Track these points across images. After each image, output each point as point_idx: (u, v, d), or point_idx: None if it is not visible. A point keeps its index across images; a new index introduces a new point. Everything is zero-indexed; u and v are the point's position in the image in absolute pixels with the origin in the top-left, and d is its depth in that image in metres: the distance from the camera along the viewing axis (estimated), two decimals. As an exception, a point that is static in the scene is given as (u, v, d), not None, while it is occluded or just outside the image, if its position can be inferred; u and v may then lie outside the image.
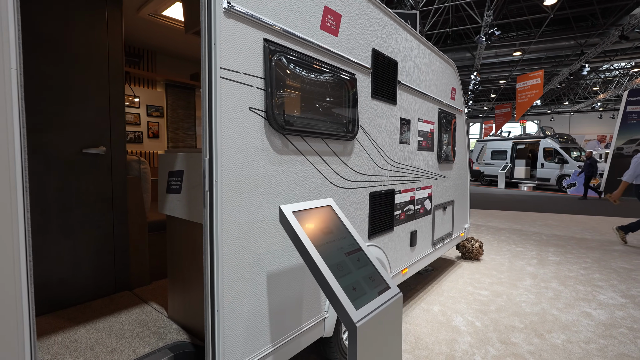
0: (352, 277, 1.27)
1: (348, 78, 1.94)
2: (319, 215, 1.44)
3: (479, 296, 3.14)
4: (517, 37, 15.93)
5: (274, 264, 1.52)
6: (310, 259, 1.21)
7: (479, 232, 5.87)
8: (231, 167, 1.32)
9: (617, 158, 11.00)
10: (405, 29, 2.59)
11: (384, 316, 1.26)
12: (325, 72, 1.77)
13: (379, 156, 2.30)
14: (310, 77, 1.68)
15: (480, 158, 16.82)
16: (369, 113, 2.18)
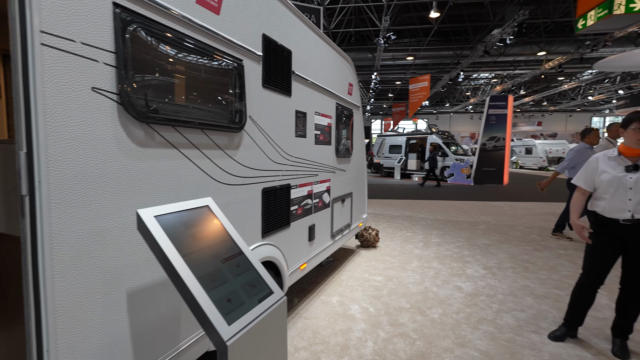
0: (228, 287, 1.13)
1: (234, 64, 1.76)
2: (191, 219, 1.25)
3: (374, 282, 3.35)
4: (410, 43, 17.77)
5: (138, 278, 1.27)
6: (173, 270, 1.02)
7: (377, 220, 6.35)
8: (64, 163, 1.03)
9: (483, 152, 13.29)
10: (301, 19, 2.52)
11: (265, 325, 1.16)
12: (204, 54, 1.56)
13: (273, 150, 2.19)
14: (185, 59, 1.45)
15: (380, 152, 18.35)
16: (261, 104, 2.04)
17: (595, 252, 2.21)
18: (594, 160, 2.23)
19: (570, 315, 2.33)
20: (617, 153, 2.15)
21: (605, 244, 2.16)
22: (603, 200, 2.15)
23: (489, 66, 19.80)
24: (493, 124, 13.35)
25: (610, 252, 2.15)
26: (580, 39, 15.39)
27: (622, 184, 2.06)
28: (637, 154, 2.08)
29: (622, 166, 2.09)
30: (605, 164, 2.17)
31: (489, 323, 2.54)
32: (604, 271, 2.18)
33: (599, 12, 8.01)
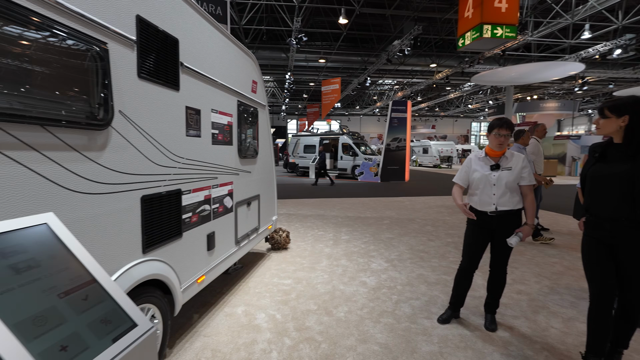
0: (64, 330, 0.88)
1: (94, 47, 1.44)
2: (12, 244, 0.94)
3: (283, 286, 3.26)
4: (322, 46, 18.33)
5: None
6: (-32, 322, 0.74)
7: (290, 220, 6.31)
8: None
9: (387, 152, 14.49)
10: (191, 5, 2.26)
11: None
12: (48, 30, 1.23)
13: (155, 151, 1.90)
14: (10, 32, 1.11)
15: (295, 151, 18.50)
16: (136, 97, 1.74)
17: (469, 240, 2.48)
18: (469, 161, 2.51)
19: (454, 298, 2.60)
20: (484, 154, 2.44)
21: (476, 233, 2.43)
22: (476, 195, 2.42)
23: (392, 74, 21.72)
24: (395, 126, 14.65)
25: (481, 240, 2.43)
26: (461, 55, 18.01)
27: (488, 180, 2.34)
28: (498, 155, 2.39)
29: (488, 165, 2.38)
30: (476, 164, 2.45)
31: (389, 315, 2.69)
32: (477, 257, 2.46)
33: (473, 34, 9.43)
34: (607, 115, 1.82)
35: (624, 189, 1.75)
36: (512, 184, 2.30)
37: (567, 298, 3.03)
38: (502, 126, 2.31)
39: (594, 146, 1.99)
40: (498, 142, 2.32)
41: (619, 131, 1.80)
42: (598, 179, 1.88)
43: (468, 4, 9.61)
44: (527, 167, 2.34)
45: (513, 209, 2.32)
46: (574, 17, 12.25)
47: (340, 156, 16.56)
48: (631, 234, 1.76)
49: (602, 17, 13.63)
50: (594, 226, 1.91)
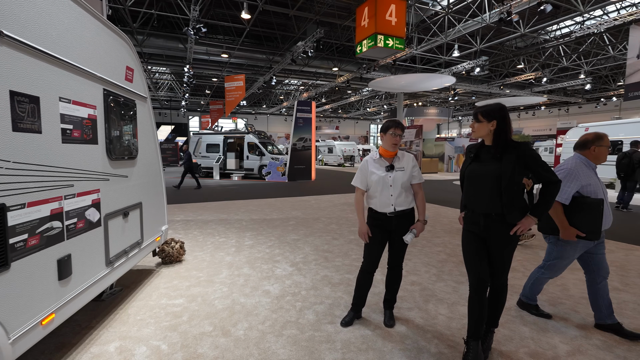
0: None
1: None
2: None
3: (173, 307, 2.81)
4: (224, 40, 17.35)
5: None
6: None
7: (187, 228, 5.68)
8: None
9: (294, 151, 14.57)
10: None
11: None
12: None
13: (-49, 152, 1.32)
14: None
15: (197, 151, 17.13)
16: None
17: (370, 242, 2.46)
18: (365, 163, 2.49)
19: (356, 299, 2.59)
20: (379, 155, 2.45)
21: (376, 235, 2.44)
22: (375, 198, 2.42)
23: (297, 74, 21.99)
24: (301, 126, 14.83)
25: (380, 241, 2.45)
26: (360, 61, 19.35)
27: (385, 182, 2.36)
28: (392, 155, 2.42)
29: (384, 167, 2.39)
30: (373, 166, 2.44)
31: (292, 325, 2.54)
32: (378, 257, 2.49)
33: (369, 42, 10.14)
34: (480, 119, 1.99)
35: (494, 187, 1.92)
36: (406, 183, 2.38)
37: (450, 284, 3.38)
38: (398, 126, 2.36)
39: (470, 147, 2.15)
40: (393, 142, 2.36)
41: (489, 134, 1.98)
42: (473, 178, 2.04)
43: (364, 13, 10.29)
44: (417, 166, 2.44)
45: (408, 208, 2.41)
46: (447, 37, 14.32)
47: (247, 156, 15.97)
48: (499, 228, 1.95)
49: (466, 40, 16.34)
50: (471, 221, 2.08)
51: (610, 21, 12.58)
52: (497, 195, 1.91)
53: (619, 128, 11.80)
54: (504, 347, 2.28)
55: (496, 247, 2.00)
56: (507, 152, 1.91)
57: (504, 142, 1.94)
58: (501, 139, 1.94)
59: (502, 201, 1.90)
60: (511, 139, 1.96)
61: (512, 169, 1.87)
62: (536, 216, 1.92)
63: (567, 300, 3.02)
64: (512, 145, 1.92)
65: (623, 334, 2.39)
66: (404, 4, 10.06)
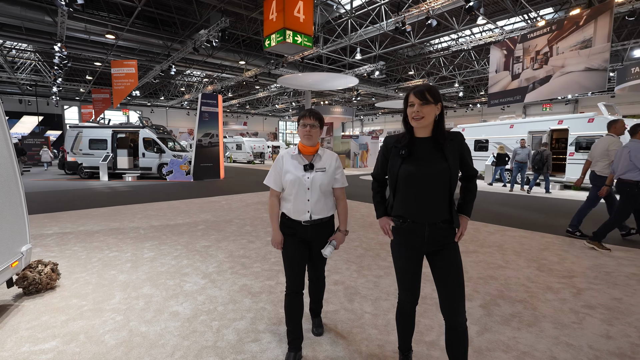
0: None
1: None
2: None
3: (40, 356, 2.13)
4: (109, 19, 14.81)
5: None
6: None
7: (63, 243, 4.57)
8: None
9: (199, 148, 13.42)
10: None
11: None
12: None
13: None
14: None
15: (76, 147, 14.31)
16: None
17: (288, 255, 2.06)
18: (280, 159, 2.08)
19: (291, 333, 2.08)
20: (298, 151, 2.05)
21: (292, 245, 2.04)
22: (289, 202, 2.03)
23: (200, 65, 20.34)
24: (206, 120, 13.75)
25: (299, 253, 2.05)
26: (268, 57, 18.96)
27: (302, 184, 1.98)
28: (311, 152, 2.03)
29: (302, 165, 2.01)
30: (289, 163, 2.04)
31: (209, 351, 2.18)
32: (300, 273, 2.05)
33: (278, 37, 9.93)
34: (429, 99, 1.57)
35: (444, 190, 1.61)
36: (327, 187, 2.03)
37: (371, 279, 3.44)
38: (309, 115, 1.99)
39: (391, 141, 1.74)
40: (304, 133, 1.99)
41: (431, 122, 1.62)
42: (414, 181, 1.62)
43: (272, 7, 10.01)
44: (340, 167, 2.12)
45: (327, 216, 2.07)
46: (350, 40, 15.11)
47: (142, 153, 14.06)
48: (445, 237, 1.65)
49: (367, 44, 17.57)
50: (409, 233, 1.68)
51: (475, 40, 15.12)
52: (448, 199, 1.63)
53: (484, 129, 14.46)
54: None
55: (446, 261, 1.66)
56: (448, 144, 1.62)
57: (443, 129, 1.64)
58: (444, 126, 1.65)
59: (450, 205, 1.64)
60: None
61: (456, 164, 1.62)
62: (469, 214, 1.72)
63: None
64: (449, 135, 1.64)
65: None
66: (311, 1, 10.15)
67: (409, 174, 1.63)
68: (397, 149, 1.70)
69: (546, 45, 11.47)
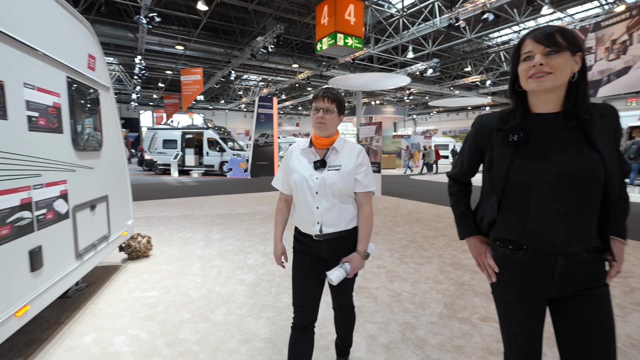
0: None
1: None
2: None
3: (147, 300, 2.78)
4: (179, 31, 16.60)
5: None
6: None
7: (150, 224, 5.49)
8: None
9: (256, 147, 14.45)
10: None
11: None
12: None
13: None
14: None
15: (152, 147, 16.28)
16: None
17: (297, 275, 1.62)
18: (289, 154, 1.64)
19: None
20: (309, 144, 1.60)
21: (304, 265, 1.60)
22: (296, 210, 1.63)
23: (257, 69, 21.69)
24: (262, 122, 14.75)
25: (311, 275, 1.58)
26: (319, 59, 19.60)
27: (309, 186, 1.52)
28: (325, 144, 1.55)
29: (312, 162, 1.55)
30: (297, 159, 1.60)
31: (270, 308, 2.65)
32: (310, 300, 1.57)
33: (329, 41, 10.39)
34: (561, 44, 0.95)
35: (593, 199, 0.99)
36: (342, 191, 1.51)
37: (412, 266, 3.69)
38: (323, 96, 1.51)
39: (490, 120, 1.14)
40: (316, 120, 1.52)
41: (563, 85, 1.00)
42: (538, 185, 1.01)
43: (324, 12, 10.51)
44: (366, 165, 1.56)
45: (345, 230, 1.54)
46: (402, 39, 15.05)
47: (206, 152, 15.53)
48: (592, 274, 1.04)
49: (420, 42, 17.29)
50: (527, 267, 1.07)
51: (542, 31, 14.07)
52: (599, 216, 1.02)
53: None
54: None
55: (589, 315, 1.03)
56: (597, 122, 0.99)
57: (586, 99, 1.01)
58: (586, 93, 1.01)
59: (604, 225, 1.02)
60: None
61: (613, 156, 1.00)
62: (624, 236, 1.07)
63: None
64: (597, 108, 1.02)
65: None
66: (362, 4, 10.43)
67: (529, 174, 1.01)
68: (502, 134, 1.08)
69: (625, 33, 10.36)
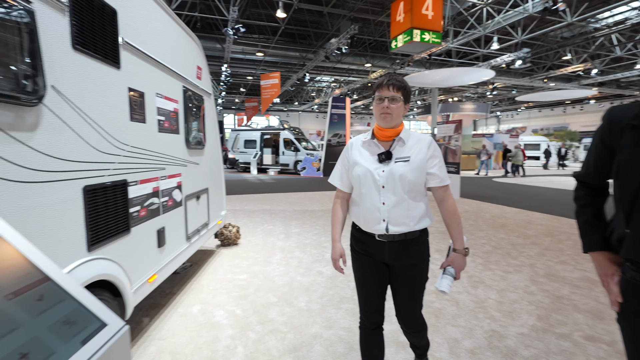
0: (22, 336, 0.72)
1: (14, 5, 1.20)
2: None
3: (239, 282, 3.13)
4: (259, 39, 17.92)
5: None
6: None
7: (236, 216, 6.08)
8: None
9: (329, 147, 14.82)
10: (130, -26, 2.01)
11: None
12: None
13: (97, 136, 1.66)
14: None
15: (235, 146, 17.86)
16: (72, 71, 1.50)
17: (358, 279, 1.55)
18: (349, 147, 1.55)
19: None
20: (371, 136, 1.48)
21: (366, 267, 1.50)
22: (357, 206, 1.50)
23: (330, 71, 22.18)
24: (335, 122, 15.04)
25: (374, 278, 1.49)
26: (393, 57, 19.18)
27: (374, 180, 1.41)
28: (390, 136, 1.43)
29: (376, 155, 1.44)
30: (359, 152, 1.49)
31: (349, 300, 2.76)
32: (375, 302, 1.51)
33: (405, 38, 10.11)
34: None
35: None
36: (412, 185, 1.39)
37: (497, 273, 3.44)
38: (388, 84, 1.38)
39: (623, 114, 0.96)
40: (380, 111, 1.40)
41: None
42: None
43: (399, 8, 10.26)
44: (437, 157, 1.44)
45: (414, 230, 1.41)
46: (485, 30, 13.87)
47: (282, 151, 16.46)
48: None
49: (506, 31, 15.70)
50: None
51: (672, 5, 11.62)
52: None
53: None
54: None
55: None
56: None
57: None
58: None
59: None
60: None
61: None
62: None
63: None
64: None
65: None
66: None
67: None
68: (637, 132, 0.92)
69: None
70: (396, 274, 1.48)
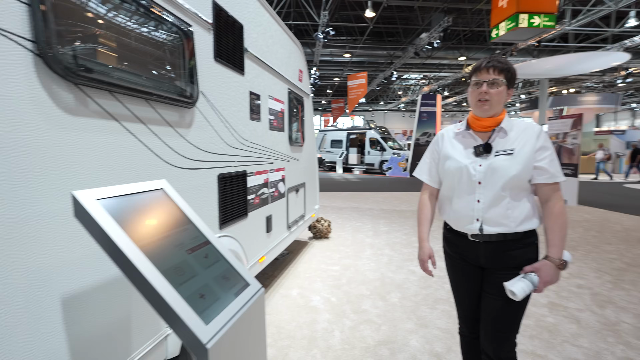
0: (199, 281, 0.94)
1: (182, 28, 1.51)
2: (143, 203, 1.01)
3: (332, 272, 3.29)
4: (347, 40, 18.25)
5: (75, 279, 0.99)
6: (128, 264, 0.80)
7: (325, 212, 6.35)
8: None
9: (417, 147, 14.25)
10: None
11: (246, 321, 0.99)
12: (147, 10, 1.30)
13: (227, 132, 1.97)
14: (124, 12, 1.18)
15: (322, 146, 18.57)
16: (213, 79, 1.81)
17: (453, 284, 1.48)
18: (439, 138, 1.43)
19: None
20: (466, 126, 1.34)
21: (459, 269, 1.41)
22: (448, 205, 1.38)
23: (418, 68, 21.27)
24: (425, 120, 14.39)
25: (467, 281, 1.38)
26: (492, 47, 17.38)
27: (469, 176, 1.27)
28: (489, 126, 1.27)
29: (472, 147, 1.30)
30: (451, 145, 1.37)
31: (444, 302, 2.66)
32: (471, 308, 1.40)
33: (509, 24, 9.08)
34: None
35: None
36: (516, 181, 1.22)
37: (634, 294, 2.87)
38: (487, 67, 1.24)
39: None
40: (477, 97, 1.26)
41: None
42: None
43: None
44: (549, 148, 1.23)
45: (515, 231, 1.23)
46: (618, 4, 11.50)
47: (368, 151, 16.49)
48: None
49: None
50: None
51: None
52: None
53: None
54: None
55: None
56: None
57: None
58: None
59: None
60: None
61: None
62: None
63: None
64: None
65: None
66: (558, -28, 8.64)
67: None
68: None
69: None
70: (491, 279, 1.26)
